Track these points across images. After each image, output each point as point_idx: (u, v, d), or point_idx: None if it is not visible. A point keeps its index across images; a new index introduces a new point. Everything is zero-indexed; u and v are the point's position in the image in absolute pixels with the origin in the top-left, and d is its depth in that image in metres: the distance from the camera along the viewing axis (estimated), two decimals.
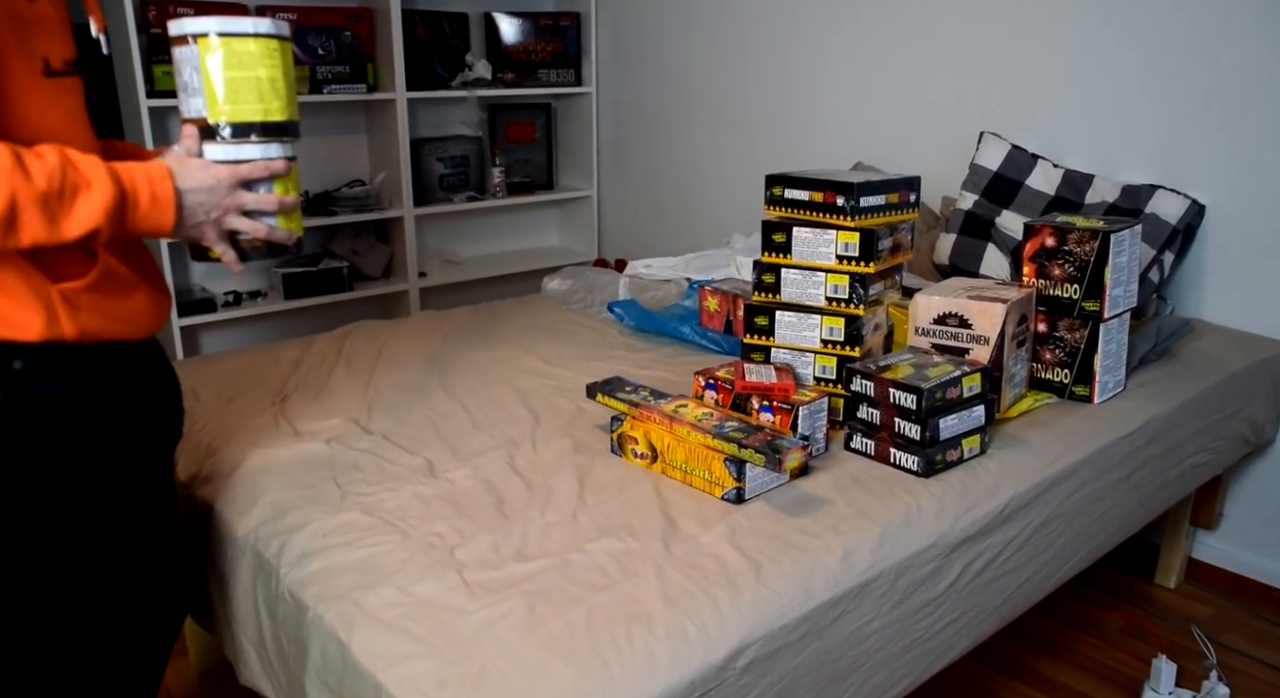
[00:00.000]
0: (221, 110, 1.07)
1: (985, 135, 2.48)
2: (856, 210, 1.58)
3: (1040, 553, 1.57)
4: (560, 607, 1.12)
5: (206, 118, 1.08)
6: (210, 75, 1.06)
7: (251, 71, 1.06)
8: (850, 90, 2.96)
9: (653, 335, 2.18)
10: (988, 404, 1.54)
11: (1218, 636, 2.16)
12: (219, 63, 1.06)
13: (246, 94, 1.07)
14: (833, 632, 1.22)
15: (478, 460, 1.51)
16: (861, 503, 1.38)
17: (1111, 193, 2.27)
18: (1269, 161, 2.15)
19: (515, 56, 3.61)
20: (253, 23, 1.06)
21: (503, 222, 3.95)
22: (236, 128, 1.08)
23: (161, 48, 2.83)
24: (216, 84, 1.06)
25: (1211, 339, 2.15)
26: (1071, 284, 1.74)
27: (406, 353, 2.05)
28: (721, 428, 1.41)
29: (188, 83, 1.08)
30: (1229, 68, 2.18)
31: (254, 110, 1.08)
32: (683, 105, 3.49)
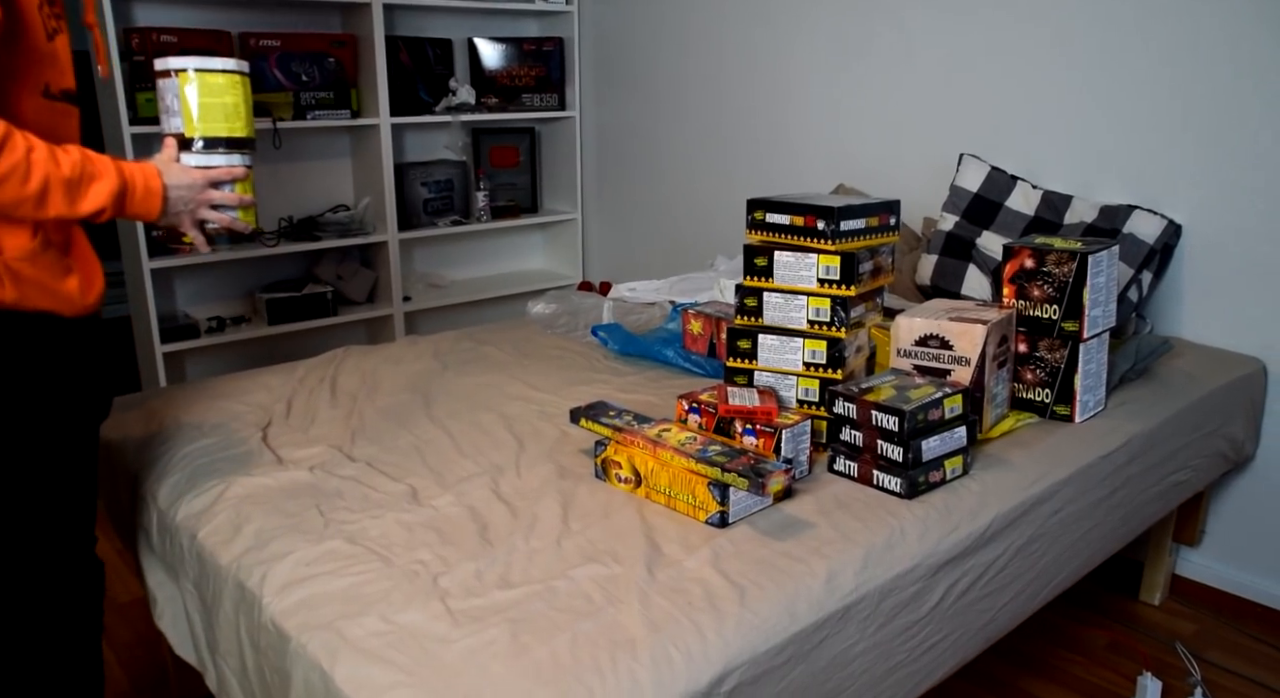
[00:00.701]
0: (196, 128, 1.35)
1: (965, 157, 2.51)
2: (837, 234, 1.59)
3: (1024, 573, 1.57)
4: (544, 634, 1.12)
5: (184, 133, 1.35)
6: (188, 101, 1.34)
7: (220, 98, 1.35)
8: (831, 113, 2.99)
9: (637, 359, 2.19)
10: (969, 425, 1.55)
11: (1202, 652, 2.17)
12: (195, 91, 1.34)
13: (216, 116, 1.35)
14: (817, 655, 1.22)
15: (461, 487, 1.51)
16: (845, 525, 1.38)
17: (1090, 213, 2.30)
18: (1243, 182, 2.18)
19: (499, 81, 3.63)
20: (221, 62, 1.34)
21: (487, 245, 3.96)
22: (208, 141, 1.36)
23: (144, 76, 2.84)
24: (193, 107, 1.34)
25: (1190, 357, 2.17)
26: (1051, 305, 1.76)
27: (390, 378, 2.05)
28: (705, 452, 1.41)
29: (170, 106, 1.35)
30: (1204, 90, 2.21)
31: (221, 128, 1.36)
32: (666, 129, 3.51)
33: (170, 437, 1.71)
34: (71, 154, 1.16)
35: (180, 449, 1.67)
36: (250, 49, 3.05)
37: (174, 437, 1.72)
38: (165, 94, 1.36)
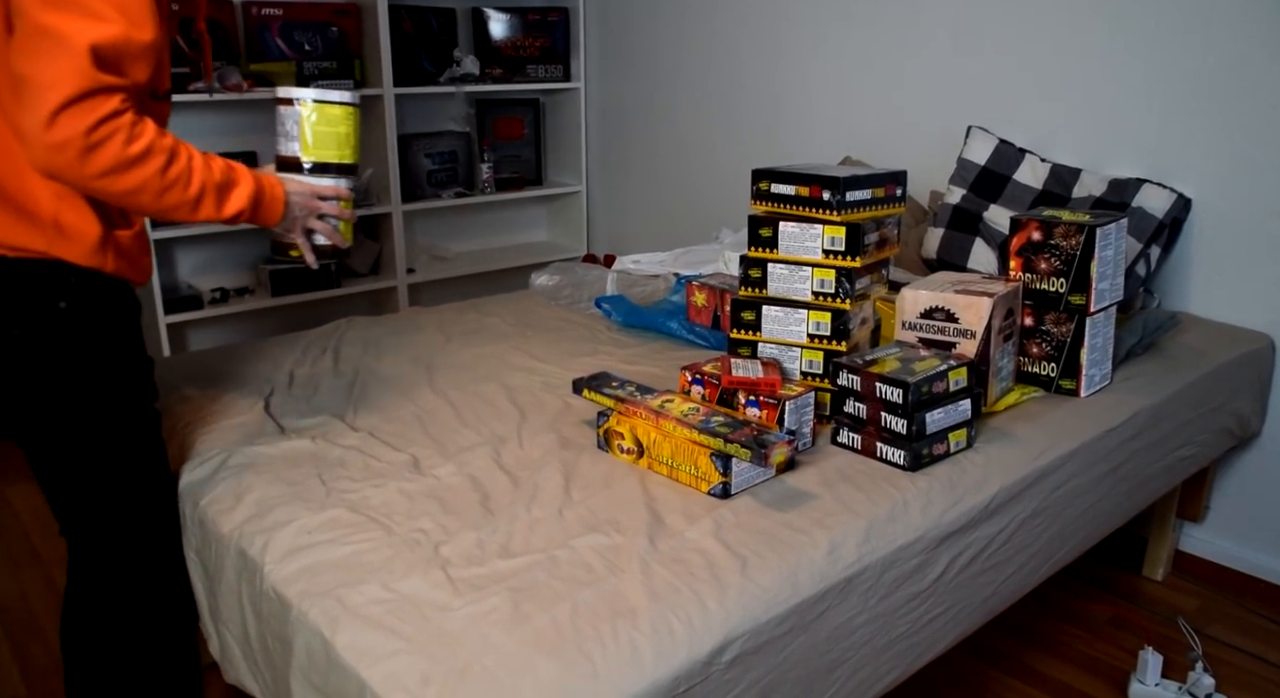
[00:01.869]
0: (310, 152, 1.46)
1: (973, 130, 2.48)
2: (843, 205, 1.58)
3: (1027, 546, 1.57)
4: (545, 603, 1.11)
5: (300, 157, 1.46)
6: (305, 128, 1.45)
7: (334, 128, 1.46)
8: (838, 85, 2.96)
9: (640, 331, 2.18)
10: (974, 398, 1.54)
11: (1204, 627, 2.17)
12: (313, 120, 1.45)
13: (329, 143, 1.46)
14: (819, 626, 1.22)
15: (463, 456, 1.51)
16: (848, 497, 1.38)
17: (1098, 187, 2.27)
18: (1255, 155, 2.16)
19: (503, 52, 3.60)
20: (338, 95, 1.46)
21: (491, 218, 3.94)
22: (318, 166, 1.47)
23: None
24: (309, 135, 1.45)
25: (1197, 332, 2.15)
26: (1058, 278, 1.75)
27: (393, 349, 2.04)
28: (708, 423, 1.41)
29: (289, 131, 1.47)
30: (1216, 63, 2.18)
31: (332, 155, 1.47)
32: (671, 101, 3.49)
33: (173, 406, 1.71)
34: (217, 161, 1.30)
35: (183, 418, 1.67)
36: (253, 18, 3.02)
37: (177, 406, 1.72)
38: (286, 120, 1.47)
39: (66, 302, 1.28)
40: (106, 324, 1.33)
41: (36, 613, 2.19)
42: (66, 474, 1.35)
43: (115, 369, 1.35)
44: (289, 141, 1.47)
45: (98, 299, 1.31)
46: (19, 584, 2.32)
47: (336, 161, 1.47)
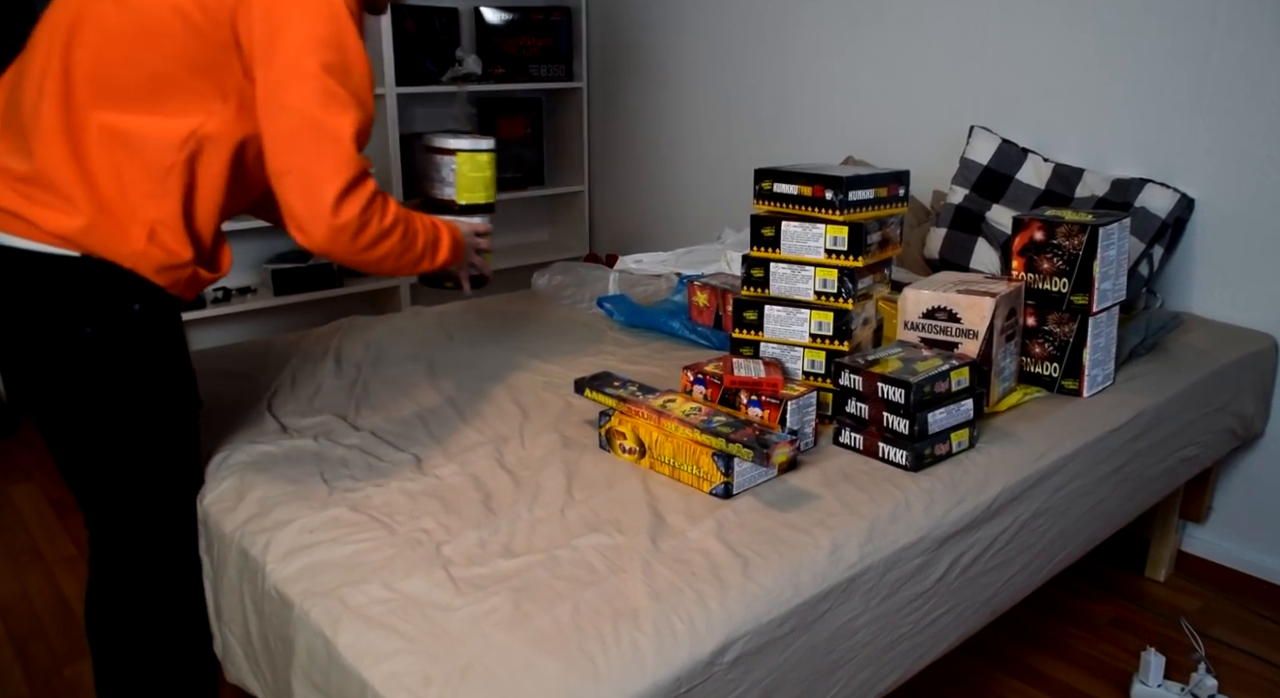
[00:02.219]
0: (463, 196, 1.68)
1: (975, 129, 2.48)
2: (845, 204, 1.58)
3: (1029, 547, 1.57)
4: (547, 603, 1.11)
5: (455, 200, 1.68)
6: (458, 174, 1.66)
7: (481, 173, 1.68)
8: (841, 84, 2.96)
9: (642, 330, 2.18)
10: (976, 398, 1.54)
11: (1206, 628, 2.17)
12: (464, 168, 1.66)
13: (477, 187, 1.68)
14: (820, 627, 1.22)
15: (465, 456, 1.51)
16: (850, 498, 1.37)
17: (1101, 187, 2.27)
18: (1258, 156, 2.15)
19: (506, 51, 3.60)
20: (485, 142, 1.68)
21: (494, 217, 3.94)
22: (468, 207, 1.69)
23: None
24: (461, 180, 1.67)
25: (1200, 333, 2.15)
26: (1060, 278, 1.74)
27: (396, 349, 2.04)
28: (710, 423, 1.40)
29: (444, 177, 1.67)
30: (1218, 62, 2.18)
31: (481, 196, 1.69)
32: (673, 100, 3.48)
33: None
34: (418, 216, 1.40)
35: None
36: None
37: None
38: (441, 167, 1.68)
39: (140, 304, 1.31)
40: (172, 331, 1.38)
41: (38, 613, 2.19)
42: (104, 472, 1.36)
43: (172, 375, 1.38)
44: (444, 186, 1.69)
45: (166, 306, 1.35)
46: (21, 584, 2.32)
47: (484, 202, 1.71)
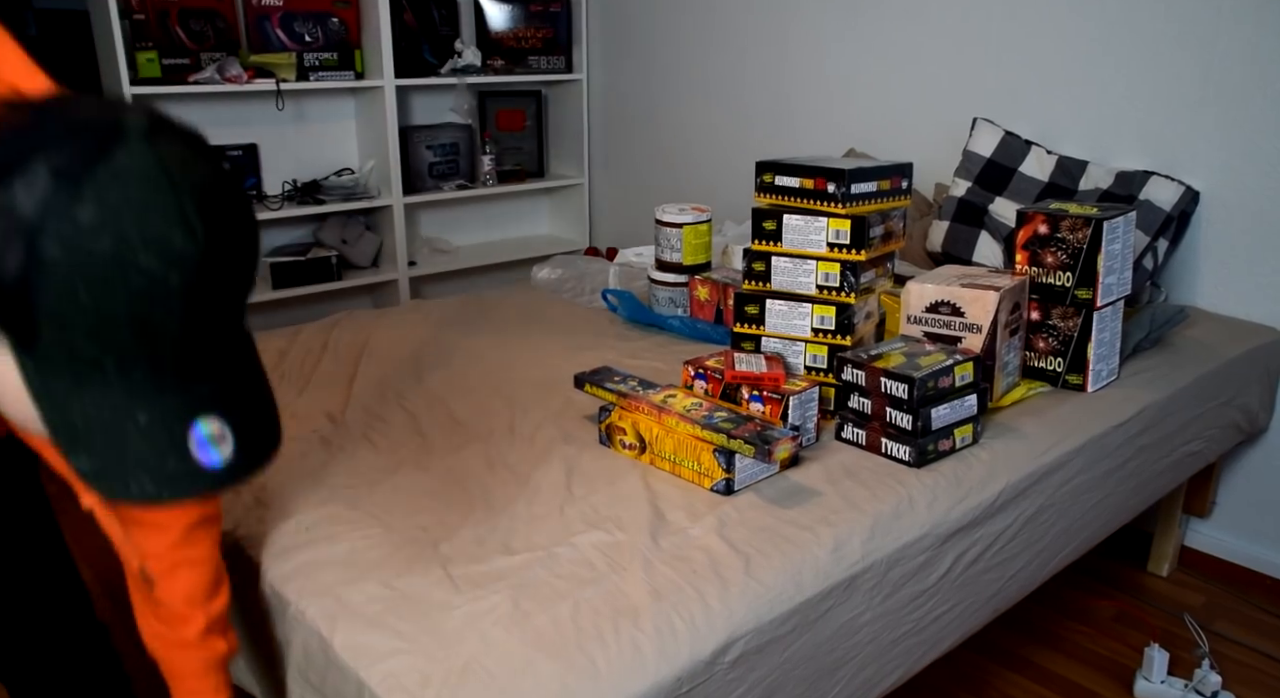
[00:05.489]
0: (686, 257, 2.17)
1: (978, 122, 2.46)
2: (848, 197, 1.56)
3: (1033, 543, 1.55)
4: (546, 602, 1.10)
5: (682, 262, 2.17)
6: (685, 243, 2.16)
7: (702, 240, 2.18)
8: (843, 76, 2.93)
9: (643, 324, 2.17)
10: (980, 393, 1.53)
11: (1210, 624, 2.16)
12: (690, 238, 2.15)
13: (699, 252, 2.19)
14: (823, 625, 1.21)
15: (463, 452, 1.50)
16: (852, 494, 1.36)
17: (1105, 179, 2.25)
18: (1264, 148, 2.13)
19: (505, 43, 3.57)
20: (705, 217, 2.16)
21: (493, 210, 3.92)
22: (690, 267, 2.18)
23: (144, 36, 2.79)
24: (685, 246, 2.17)
25: (1205, 327, 2.13)
26: (1064, 272, 1.73)
27: (394, 343, 2.03)
28: (711, 418, 1.39)
29: (674, 245, 2.17)
30: (1224, 54, 2.16)
31: (699, 258, 2.19)
32: (674, 92, 3.46)
33: None
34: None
35: None
36: (253, 8, 3.00)
37: None
38: (671, 237, 2.16)
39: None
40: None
41: None
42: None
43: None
44: (673, 252, 2.17)
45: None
46: None
47: (705, 261, 2.20)
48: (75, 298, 0.61)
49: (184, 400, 0.67)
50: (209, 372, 0.68)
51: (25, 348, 0.63)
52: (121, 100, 0.66)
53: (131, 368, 0.64)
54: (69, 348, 0.63)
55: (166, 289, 0.63)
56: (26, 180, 0.60)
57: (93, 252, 0.60)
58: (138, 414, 0.65)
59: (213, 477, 0.68)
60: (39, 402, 0.65)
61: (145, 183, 0.62)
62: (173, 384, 0.66)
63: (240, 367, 0.72)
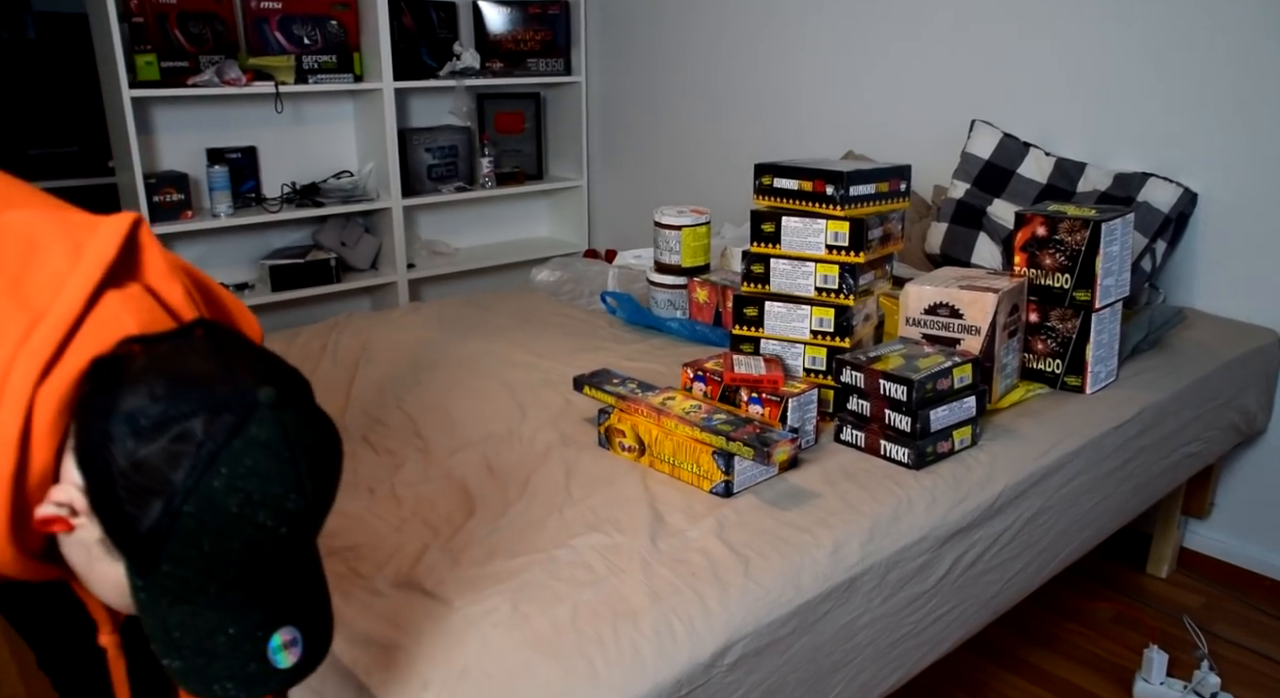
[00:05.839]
0: (686, 261, 2.16)
1: (977, 124, 2.46)
2: (846, 199, 1.56)
3: (1032, 545, 1.55)
4: (545, 604, 1.10)
5: (680, 265, 2.17)
6: (684, 245, 2.16)
7: (700, 242, 2.17)
8: (841, 79, 2.94)
9: (641, 326, 2.17)
10: (979, 395, 1.53)
11: (1209, 625, 2.16)
12: (688, 240, 2.15)
13: (698, 253, 2.18)
14: (822, 627, 1.21)
15: (463, 454, 1.50)
16: (851, 496, 1.36)
17: (1104, 181, 2.25)
18: (1262, 149, 2.14)
19: (504, 46, 3.58)
20: (703, 218, 2.17)
21: (492, 212, 3.93)
22: (689, 269, 2.17)
23: (143, 39, 2.80)
24: (686, 249, 2.16)
25: (1204, 328, 2.13)
26: (1063, 274, 1.73)
27: (393, 346, 2.03)
28: (710, 420, 1.39)
29: (673, 247, 2.16)
30: (1222, 56, 2.16)
31: (701, 260, 2.19)
32: (673, 94, 3.46)
33: None
34: None
35: None
36: (251, 11, 3.00)
37: None
38: (670, 239, 2.16)
39: None
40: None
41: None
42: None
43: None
44: (671, 253, 2.17)
45: None
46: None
47: (704, 263, 2.20)
48: (198, 546, 0.70)
49: (266, 615, 0.76)
50: (287, 588, 0.77)
51: (140, 574, 0.72)
52: (261, 359, 0.76)
53: (229, 591, 0.73)
54: (181, 579, 0.72)
55: (275, 538, 0.73)
56: (173, 450, 0.69)
57: (221, 511, 0.70)
58: (229, 627, 0.75)
59: (283, 676, 0.77)
60: (143, 612, 0.74)
61: (271, 454, 0.71)
62: (259, 602, 0.75)
63: (308, 578, 0.80)
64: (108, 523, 0.71)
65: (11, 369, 0.72)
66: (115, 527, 0.71)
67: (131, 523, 0.70)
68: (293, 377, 0.77)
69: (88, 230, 0.80)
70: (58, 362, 0.73)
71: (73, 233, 0.80)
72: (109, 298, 0.77)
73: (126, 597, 0.76)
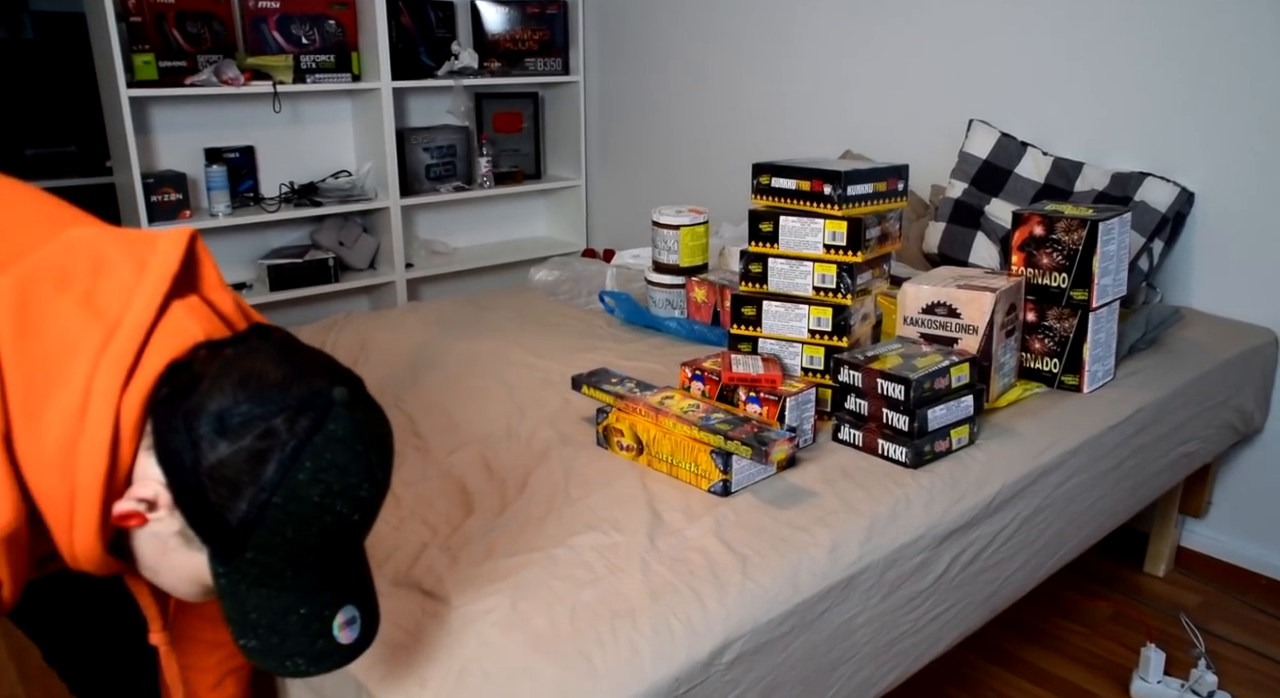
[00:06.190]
0: (685, 260, 2.16)
1: (974, 123, 2.46)
2: (844, 199, 1.56)
3: (1030, 544, 1.56)
4: (543, 603, 1.10)
5: (679, 264, 2.16)
6: (682, 245, 2.15)
7: (699, 241, 2.17)
8: (839, 78, 2.94)
9: (640, 326, 2.17)
10: (976, 394, 1.53)
11: (1206, 624, 2.16)
12: (686, 239, 2.16)
13: (696, 253, 2.18)
14: (820, 626, 1.21)
15: (461, 453, 1.50)
16: (849, 495, 1.36)
17: (1101, 180, 2.26)
18: (1258, 149, 2.14)
19: (502, 45, 3.58)
20: (702, 217, 2.16)
21: (490, 212, 3.93)
22: (687, 269, 2.17)
23: (141, 39, 2.79)
24: (684, 249, 2.15)
25: (1201, 327, 2.14)
26: (1060, 273, 1.73)
27: (391, 345, 2.03)
28: (708, 420, 1.39)
29: (671, 247, 2.16)
30: (1219, 56, 2.16)
31: (699, 260, 2.19)
32: (671, 94, 3.47)
33: None
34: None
35: None
36: (249, 10, 3.00)
37: None
38: (668, 239, 2.15)
39: None
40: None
41: None
42: None
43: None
44: (669, 253, 2.17)
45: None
46: None
47: (702, 263, 2.20)
48: (283, 534, 0.77)
49: (332, 595, 0.83)
50: (349, 570, 0.84)
51: (223, 561, 0.78)
52: (323, 361, 0.83)
53: (303, 574, 0.80)
54: (263, 565, 0.78)
55: (349, 524, 0.80)
56: (260, 446, 0.75)
57: (304, 501, 0.76)
58: (300, 608, 0.81)
59: (345, 652, 0.85)
60: (222, 598, 0.80)
61: (346, 447, 0.78)
62: (327, 583, 0.82)
63: (362, 561, 0.87)
64: (194, 516, 0.76)
65: (95, 378, 0.76)
66: (203, 519, 0.76)
67: (221, 515, 0.76)
68: (352, 376, 0.83)
69: (148, 245, 0.86)
70: (136, 368, 0.78)
71: (135, 248, 0.85)
72: (175, 307, 0.83)
73: (197, 585, 0.82)
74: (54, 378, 0.77)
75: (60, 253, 0.82)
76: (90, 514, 0.77)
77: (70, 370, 0.77)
